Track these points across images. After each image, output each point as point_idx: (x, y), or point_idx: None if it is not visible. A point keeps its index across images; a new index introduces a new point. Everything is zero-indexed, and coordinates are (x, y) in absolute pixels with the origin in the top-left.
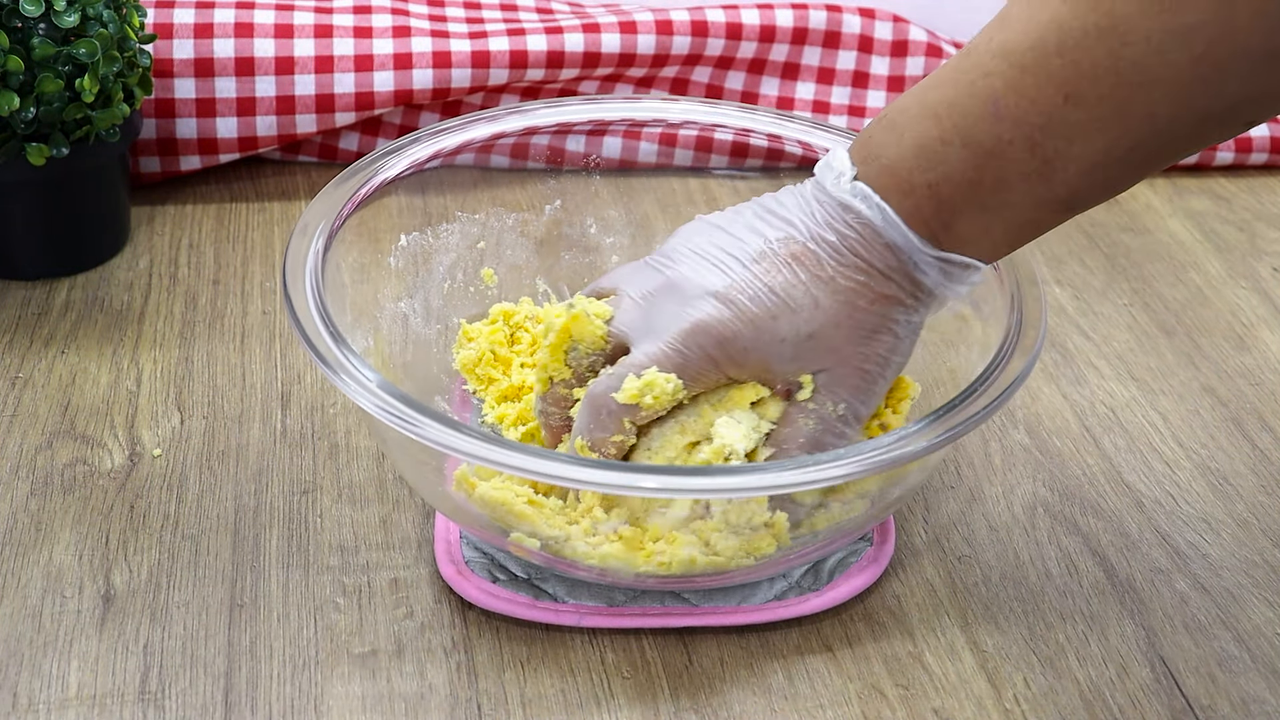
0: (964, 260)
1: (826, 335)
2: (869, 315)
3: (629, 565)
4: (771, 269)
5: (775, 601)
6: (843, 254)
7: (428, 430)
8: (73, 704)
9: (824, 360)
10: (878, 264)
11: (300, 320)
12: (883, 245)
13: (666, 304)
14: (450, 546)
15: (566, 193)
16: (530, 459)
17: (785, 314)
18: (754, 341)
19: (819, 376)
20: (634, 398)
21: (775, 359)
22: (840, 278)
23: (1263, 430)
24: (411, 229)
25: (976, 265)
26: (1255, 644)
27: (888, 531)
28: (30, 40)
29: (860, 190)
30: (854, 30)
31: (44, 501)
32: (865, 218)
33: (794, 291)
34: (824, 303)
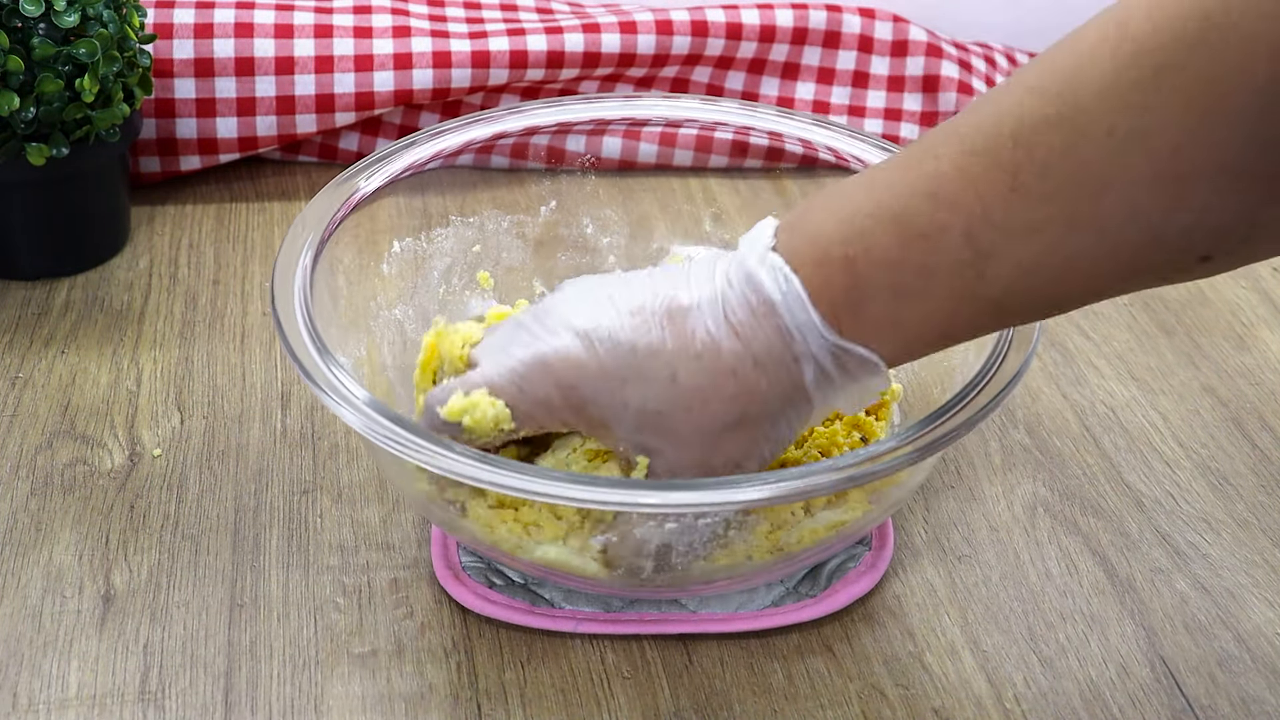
0: (864, 355)
1: (674, 418)
2: (726, 408)
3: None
4: (643, 325)
5: (773, 608)
6: (720, 330)
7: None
8: (73, 704)
9: (664, 443)
10: (756, 349)
11: (287, 335)
12: (771, 328)
13: (528, 330)
14: (447, 551)
15: (563, 193)
16: (518, 477)
17: (636, 381)
18: (595, 396)
19: (655, 460)
20: (454, 415)
21: (615, 423)
22: (706, 358)
23: (1263, 430)
24: (406, 234)
25: (877, 364)
26: (1255, 644)
27: (886, 536)
28: (30, 40)
29: (770, 260)
30: (854, 30)
31: (44, 501)
32: (764, 290)
33: (655, 359)
34: (681, 381)
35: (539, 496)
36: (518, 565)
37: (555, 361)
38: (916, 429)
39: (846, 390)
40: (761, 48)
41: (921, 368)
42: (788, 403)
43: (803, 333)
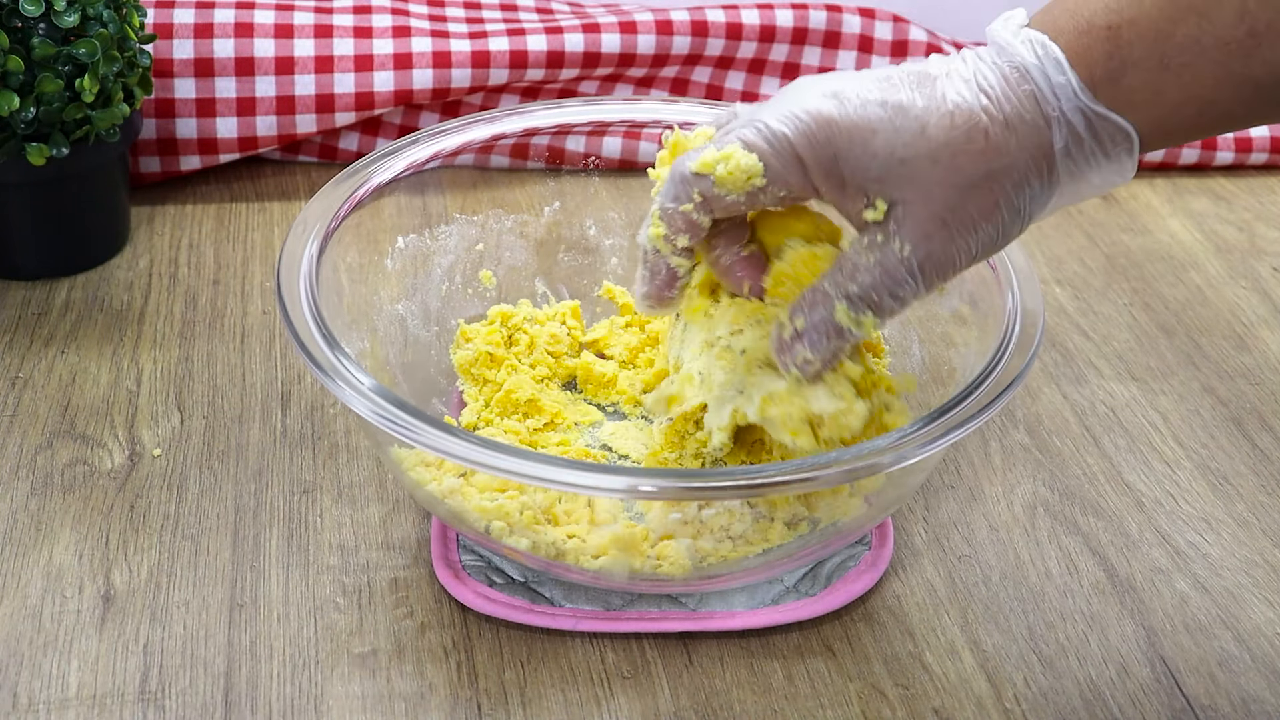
0: (1119, 123)
1: (919, 167)
2: (974, 164)
3: (624, 567)
4: (891, 87)
5: (772, 606)
6: (970, 89)
7: (424, 435)
8: (73, 704)
9: (908, 192)
10: (1007, 109)
11: (294, 324)
12: (1024, 92)
13: (780, 101)
14: (447, 550)
15: (566, 194)
16: (521, 462)
17: (886, 130)
18: (846, 147)
19: (895, 208)
20: (707, 166)
21: (861, 172)
22: (958, 114)
23: (1263, 430)
24: (409, 230)
25: (1130, 134)
26: (1255, 644)
27: (886, 535)
28: (30, 40)
29: (1024, 34)
30: (854, 30)
31: (44, 501)
32: (1018, 59)
33: (905, 111)
34: (931, 132)
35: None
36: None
37: (806, 117)
38: (919, 425)
39: (1096, 165)
40: (761, 48)
41: (924, 369)
42: (1034, 169)
43: (1057, 95)
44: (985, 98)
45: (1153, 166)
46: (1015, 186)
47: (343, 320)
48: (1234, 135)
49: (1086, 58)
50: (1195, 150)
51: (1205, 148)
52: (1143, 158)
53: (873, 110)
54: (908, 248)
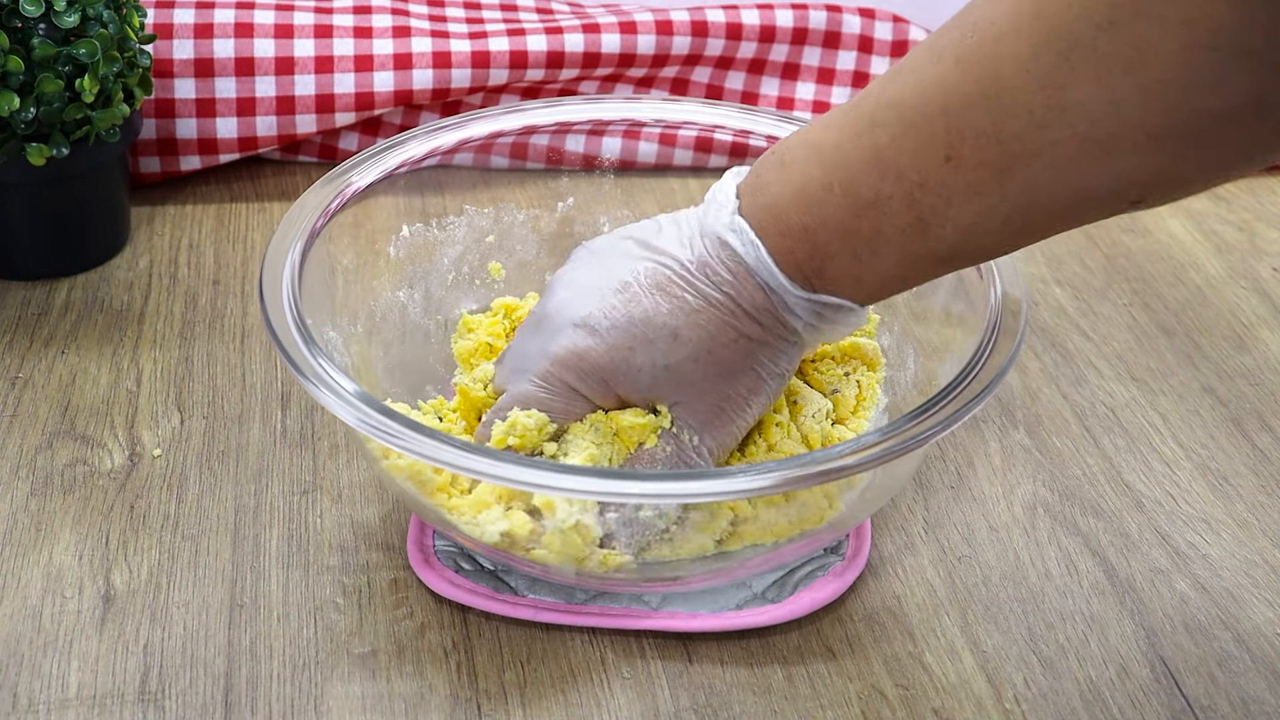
0: (837, 302)
1: (684, 369)
2: (730, 353)
3: (570, 565)
4: (633, 299)
5: (735, 611)
6: (709, 290)
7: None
8: (73, 704)
9: (680, 393)
10: (744, 303)
11: (273, 323)
12: (753, 284)
13: (535, 339)
14: (422, 535)
15: (580, 191)
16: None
17: (642, 346)
18: (611, 372)
19: (675, 408)
20: (500, 443)
21: (633, 388)
22: (703, 313)
23: (1263, 430)
24: (415, 221)
25: (851, 307)
26: (1255, 644)
27: (861, 546)
28: (30, 40)
29: (738, 225)
30: (854, 30)
31: (44, 501)
32: (738, 255)
33: (653, 322)
34: (683, 335)
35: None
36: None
37: (566, 356)
38: (881, 434)
39: (834, 324)
40: (761, 48)
41: (914, 375)
42: (783, 341)
43: (778, 291)
44: (721, 295)
45: None
46: (772, 359)
47: (334, 307)
48: None
49: (792, 259)
50: None
51: None
52: None
53: (623, 332)
54: (695, 438)
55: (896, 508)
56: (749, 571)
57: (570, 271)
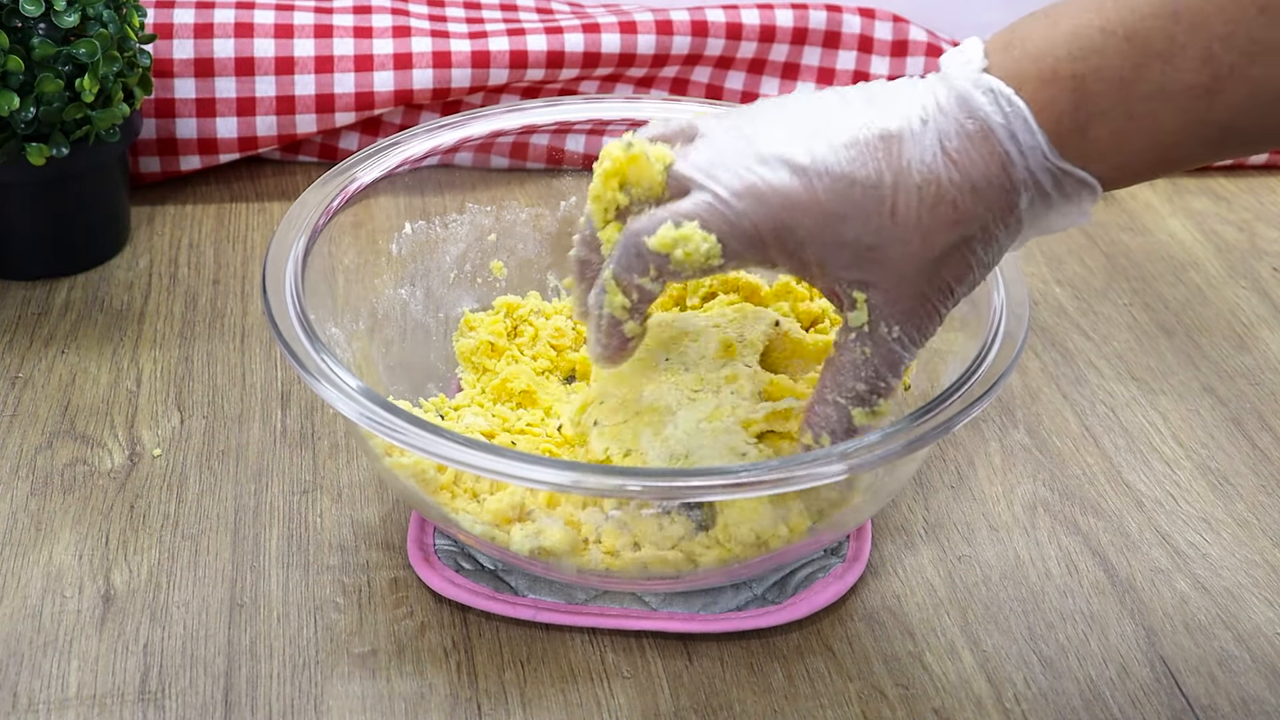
0: (1084, 177)
1: (892, 252)
2: (945, 236)
3: (569, 561)
4: (860, 159)
5: (735, 612)
6: (937, 159)
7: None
8: (73, 704)
9: (882, 277)
10: (975, 176)
11: (276, 320)
12: (990, 152)
13: (739, 156)
14: (423, 533)
15: (582, 190)
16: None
17: (856, 216)
18: (814, 236)
19: (873, 294)
20: (665, 246)
21: (831, 262)
22: (925, 189)
23: (1263, 430)
24: (416, 219)
25: (1095, 186)
26: (1255, 644)
27: (862, 548)
28: (30, 40)
29: (986, 82)
30: (854, 30)
31: (44, 501)
32: (982, 114)
33: (873, 194)
34: (901, 214)
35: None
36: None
37: (772, 198)
38: (882, 434)
39: (1058, 211)
40: (761, 48)
41: (915, 379)
42: (1001, 224)
43: (1025, 156)
44: (952, 164)
45: None
46: (984, 245)
47: (335, 304)
48: None
49: (1053, 111)
50: None
51: None
52: None
53: (840, 192)
54: (895, 329)
55: (896, 508)
56: (750, 572)
57: (790, 101)
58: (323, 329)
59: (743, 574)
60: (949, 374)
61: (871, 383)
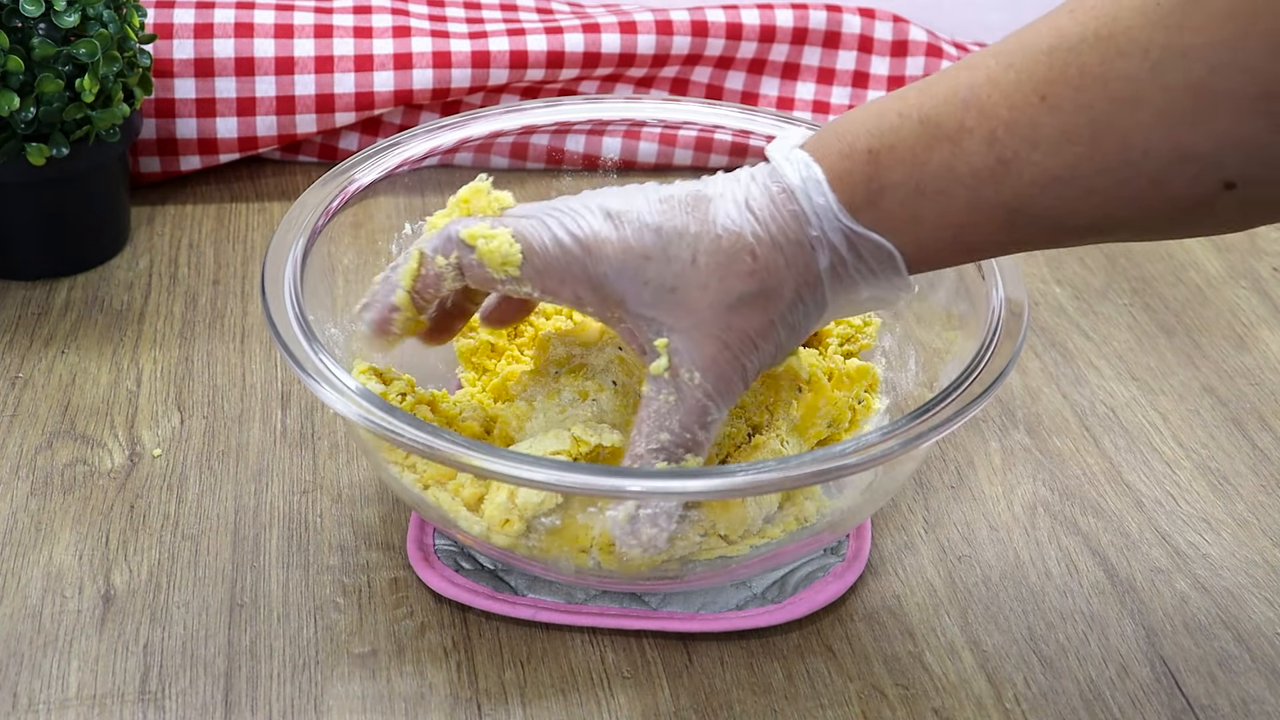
0: (879, 241)
1: (690, 294)
2: (743, 284)
3: (568, 560)
4: (669, 212)
5: (735, 611)
6: (739, 209)
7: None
8: (73, 704)
9: (680, 320)
10: (774, 229)
11: (275, 321)
12: (789, 214)
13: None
14: (423, 534)
15: (581, 189)
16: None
17: (659, 258)
18: (618, 272)
19: (673, 338)
20: (473, 237)
21: (633, 300)
22: (726, 238)
23: (1263, 430)
24: (416, 219)
25: (893, 253)
26: (1255, 644)
27: (861, 548)
28: (30, 40)
29: (794, 155)
30: (854, 30)
31: (44, 501)
32: (785, 179)
33: (678, 240)
34: (701, 260)
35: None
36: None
37: (583, 235)
38: (882, 433)
39: (864, 281)
40: (761, 48)
41: (915, 378)
42: (803, 285)
43: (819, 216)
44: (753, 218)
45: None
46: (788, 305)
47: (335, 305)
48: None
49: (848, 180)
50: None
51: None
52: None
53: (647, 236)
54: (698, 375)
55: (896, 508)
56: (749, 571)
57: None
58: (322, 330)
59: (743, 574)
60: (948, 373)
61: (677, 434)
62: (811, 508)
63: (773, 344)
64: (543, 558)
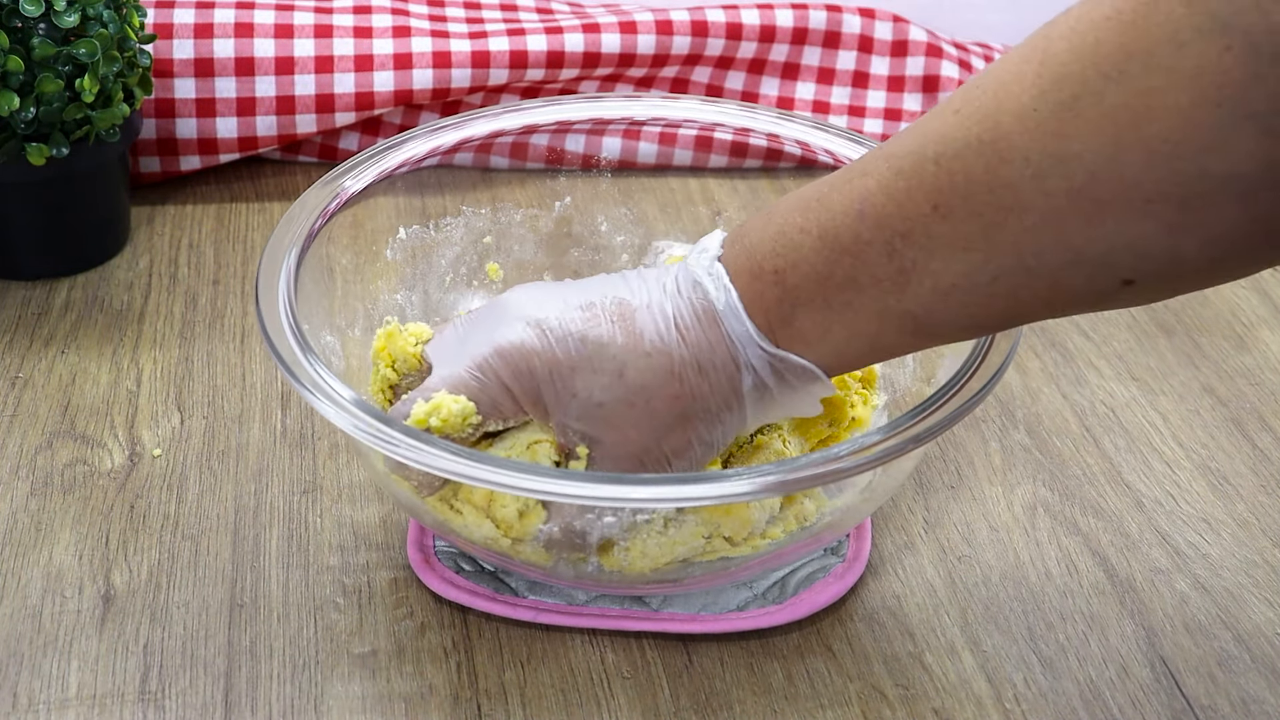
0: (798, 363)
1: (617, 411)
2: (667, 406)
3: (567, 566)
4: (593, 320)
5: (735, 612)
6: (668, 332)
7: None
8: (73, 704)
9: (605, 434)
10: (701, 355)
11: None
12: (717, 335)
13: (483, 327)
14: (422, 535)
15: (578, 190)
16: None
17: (585, 371)
18: (547, 383)
19: (595, 449)
20: (420, 421)
21: (560, 411)
22: (654, 357)
23: (1263, 430)
24: (411, 223)
25: (814, 371)
26: (1255, 644)
27: (862, 548)
28: (30, 40)
29: (714, 269)
30: (854, 30)
31: (44, 501)
32: (709, 298)
33: (605, 352)
34: (629, 376)
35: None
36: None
37: (509, 350)
38: (881, 433)
39: (785, 398)
40: (761, 48)
41: (912, 375)
42: (725, 407)
43: (741, 342)
44: (680, 339)
45: None
46: (708, 424)
47: (332, 308)
48: None
49: (761, 303)
50: None
51: None
52: None
53: (573, 346)
54: None
55: (896, 508)
56: (750, 573)
57: (539, 283)
58: (317, 335)
59: (743, 575)
60: (945, 371)
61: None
62: (812, 507)
63: (688, 460)
64: (541, 564)
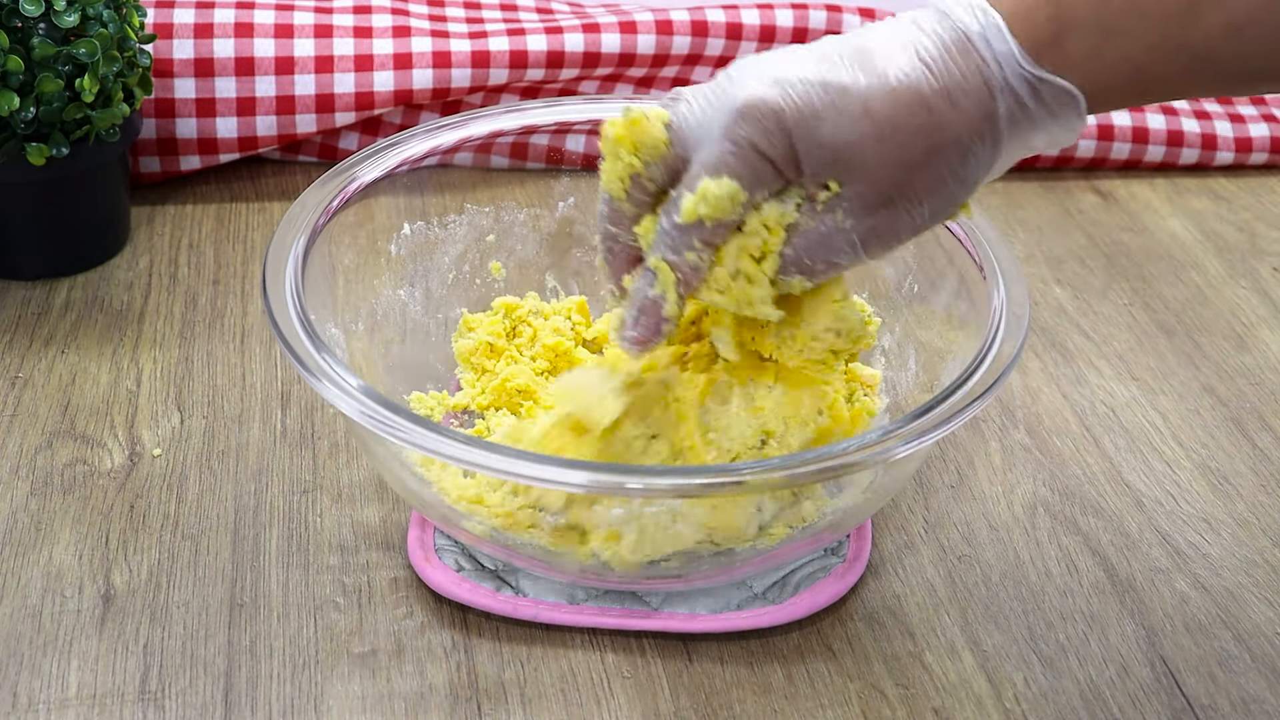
0: (1063, 85)
1: (865, 148)
2: (918, 139)
3: (572, 558)
4: (831, 68)
5: (735, 612)
6: (914, 62)
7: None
8: (73, 704)
9: (856, 174)
10: (952, 83)
11: (277, 319)
12: (966, 63)
13: (720, 100)
14: (423, 533)
15: (580, 190)
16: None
17: (831, 117)
18: (798, 137)
19: (846, 189)
20: (691, 214)
21: (812, 162)
22: (899, 91)
23: (1263, 430)
24: (415, 219)
25: (1075, 96)
26: (1255, 644)
27: (862, 548)
28: (30, 40)
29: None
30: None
31: (44, 501)
32: (960, 25)
33: (847, 94)
34: (875, 112)
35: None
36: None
37: (754, 110)
38: (883, 432)
39: (1042, 126)
40: (761, 48)
41: (915, 377)
42: (978, 137)
43: (1000, 63)
44: (927, 70)
45: (1153, 166)
46: (960, 157)
47: (335, 305)
48: (1234, 135)
49: (1028, 22)
50: (1195, 150)
51: (1205, 148)
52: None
53: (816, 95)
54: (850, 221)
55: (896, 508)
56: (750, 571)
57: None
58: (323, 329)
59: (743, 574)
60: (949, 373)
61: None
62: (812, 507)
63: (943, 199)
64: (546, 556)
